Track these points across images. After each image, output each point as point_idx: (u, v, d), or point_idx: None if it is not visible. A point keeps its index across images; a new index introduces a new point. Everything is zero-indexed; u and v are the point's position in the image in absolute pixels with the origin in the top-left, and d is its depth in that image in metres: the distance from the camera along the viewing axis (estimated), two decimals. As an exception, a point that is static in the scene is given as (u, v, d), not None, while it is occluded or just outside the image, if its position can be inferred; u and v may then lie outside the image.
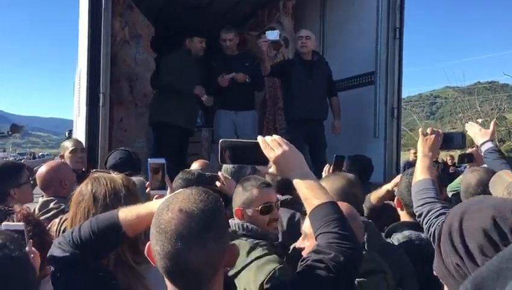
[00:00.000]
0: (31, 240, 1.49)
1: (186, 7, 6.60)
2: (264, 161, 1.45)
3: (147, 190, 2.05)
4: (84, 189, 1.70)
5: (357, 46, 5.44)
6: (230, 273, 1.76)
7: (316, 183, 1.42)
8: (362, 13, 5.36)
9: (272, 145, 1.44)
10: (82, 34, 4.73)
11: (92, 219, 1.50)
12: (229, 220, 2.08)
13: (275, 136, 1.47)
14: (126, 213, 1.45)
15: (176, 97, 5.08)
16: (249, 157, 1.50)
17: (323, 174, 3.33)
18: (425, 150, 2.13)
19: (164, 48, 5.63)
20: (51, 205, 2.75)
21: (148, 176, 2.02)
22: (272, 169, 1.46)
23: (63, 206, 2.58)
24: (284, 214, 2.55)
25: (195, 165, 3.47)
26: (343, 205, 1.59)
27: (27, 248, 1.46)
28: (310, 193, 1.39)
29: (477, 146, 2.78)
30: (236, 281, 1.76)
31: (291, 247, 2.03)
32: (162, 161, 2.04)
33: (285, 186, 2.68)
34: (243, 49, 5.91)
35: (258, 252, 1.89)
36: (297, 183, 1.42)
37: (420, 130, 2.21)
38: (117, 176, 1.78)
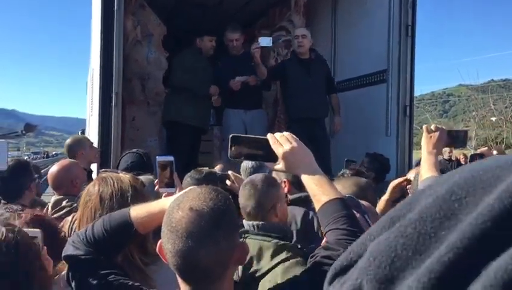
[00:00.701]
0: (45, 247, 1.52)
1: (197, 6, 6.61)
2: (274, 158, 1.45)
3: (156, 188, 2.06)
4: (91, 189, 1.73)
5: (369, 44, 5.41)
6: (257, 274, 1.77)
7: (324, 179, 1.42)
8: (374, 11, 5.33)
9: (280, 141, 1.44)
10: (95, 34, 4.77)
11: (104, 217, 1.51)
12: (243, 221, 2.07)
13: (285, 133, 1.47)
14: (137, 211, 1.47)
15: (188, 96, 5.10)
16: (259, 153, 1.50)
17: None
18: (430, 147, 2.11)
19: (175, 47, 5.66)
20: (63, 203, 2.79)
21: (157, 173, 2.03)
22: (281, 165, 1.45)
23: (75, 205, 2.62)
24: (297, 212, 2.53)
25: (217, 168, 3.49)
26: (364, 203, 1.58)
27: (42, 254, 1.48)
28: (319, 189, 1.39)
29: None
30: (260, 283, 1.77)
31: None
32: (170, 158, 2.05)
33: (300, 183, 2.67)
34: (248, 49, 5.91)
35: (283, 255, 1.88)
36: (305, 179, 1.42)
37: (424, 127, 2.18)
38: (124, 176, 1.79)
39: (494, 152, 3.22)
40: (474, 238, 0.38)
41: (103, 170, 3.00)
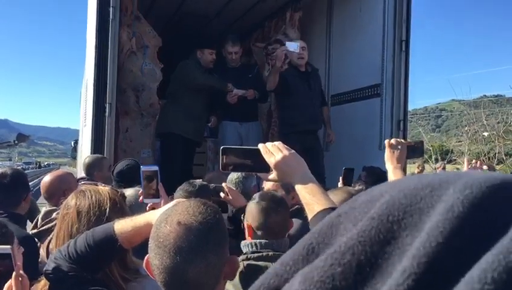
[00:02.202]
0: (18, 263, 1.48)
1: (193, 18, 6.64)
2: (266, 168, 1.43)
3: (140, 199, 2.02)
4: (69, 202, 1.69)
5: (363, 58, 5.44)
6: None
7: (318, 188, 1.40)
8: (368, 26, 5.37)
9: (272, 151, 1.42)
10: (89, 44, 4.76)
11: (87, 232, 1.48)
12: (241, 243, 2.04)
13: (276, 142, 1.45)
14: (122, 225, 1.43)
15: (185, 108, 5.12)
16: (251, 164, 1.49)
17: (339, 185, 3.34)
18: (395, 162, 2.12)
19: (172, 58, 5.67)
20: (54, 215, 2.75)
21: (141, 184, 1.99)
22: (273, 175, 1.43)
23: None
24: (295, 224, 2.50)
25: (207, 178, 3.47)
26: None
27: (14, 272, 1.45)
28: (312, 198, 1.37)
29: None
30: None
31: None
32: (155, 168, 2.01)
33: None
34: (246, 60, 5.93)
35: None
36: (298, 188, 1.40)
37: (386, 142, 2.19)
38: (104, 189, 1.76)
39: (485, 167, 3.23)
40: (431, 261, 0.36)
41: (83, 182, 2.97)
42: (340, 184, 3.41)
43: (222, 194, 2.68)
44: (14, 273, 1.45)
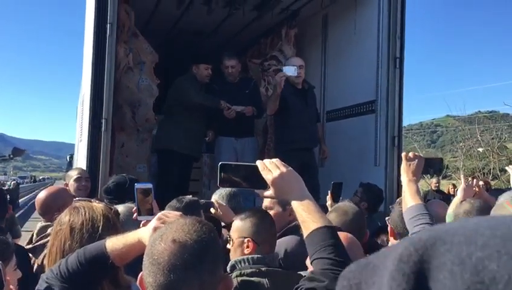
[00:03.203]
0: (8, 278, 1.48)
1: (190, 35, 6.70)
2: (263, 185, 1.44)
3: (134, 216, 2.00)
4: (62, 219, 1.69)
5: (358, 74, 5.49)
6: None
7: (314, 206, 1.40)
8: (363, 42, 5.43)
9: (270, 168, 1.42)
10: (86, 60, 4.79)
11: (79, 250, 1.47)
12: (232, 260, 2.05)
13: (274, 159, 1.46)
14: (114, 242, 1.43)
15: (183, 124, 5.16)
16: (248, 181, 1.49)
17: (328, 201, 3.35)
18: (410, 175, 2.13)
19: (169, 74, 5.70)
20: (49, 231, 2.74)
21: (135, 201, 1.97)
22: (270, 191, 1.43)
23: None
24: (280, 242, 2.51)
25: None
26: (343, 235, 1.57)
27: (4, 288, 1.44)
28: (308, 216, 1.37)
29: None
30: None
31: None
32: (149, 185, 2.00)
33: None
34: (243, 76, 5.97)
35: None
36: (295, 205, 1.40)
37: (403, 155, 2.20)
38: (97, 205, 1.75)
39: (481, 183, 3.24)
40: None
41: (77, 198, 2.97)
42: (328, 198, 3.42)
43: (212, 210, 2.68)
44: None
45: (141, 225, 1.80)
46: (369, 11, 5.33)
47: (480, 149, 21.56)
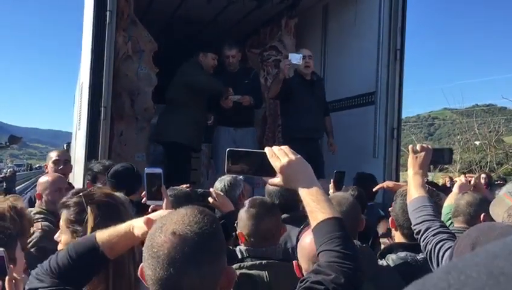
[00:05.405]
0: (11, 266, 1.47)
1: (189, 23, 6.65)
2: (271, 172, 1.40)
3: (143, 200, 2.00)
4: None
5: (358, 66, 5.48)
6: None
7: (323, 196, 1.36)
8: (363, 34, 5.41)
9: (278, 155, 1.38)
10: (85, 48, 4.75)
11: (69, 244, 1.45)
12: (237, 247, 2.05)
13: (283, 147, 1.42)
14: (103, 233, 1.40)
15: (188, 115, 5.11)
16: (256, 168, 1.46)
17: (330, 189, 3.36)
18: (416, 167, 2.11)
19: (168, 63, 5.67)
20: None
21: (145, 185, 1.96)
22: (278, 179, 1.40)
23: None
24: (292, 232, 2.50)
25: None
26: None
27: (7, 276, 1.43)
28: (316, 206, 1.33)
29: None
30: None
31: None
32: (159, 170, 1.98)
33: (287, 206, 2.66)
34: (243, 65, 5.95)
35: None
36: (303, 194, 1.36)
37: (410, 147, 2.17)
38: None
39: (483, 175, 3.27)
40: None
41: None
42: (331, 186, 3.44)
43: (210, 199, 2.68)
44: (7, 277, 1.44)
45: (149, 210, 1.79)
46: (370, 2, 5.30)
47: (478, 142, 21.63)
